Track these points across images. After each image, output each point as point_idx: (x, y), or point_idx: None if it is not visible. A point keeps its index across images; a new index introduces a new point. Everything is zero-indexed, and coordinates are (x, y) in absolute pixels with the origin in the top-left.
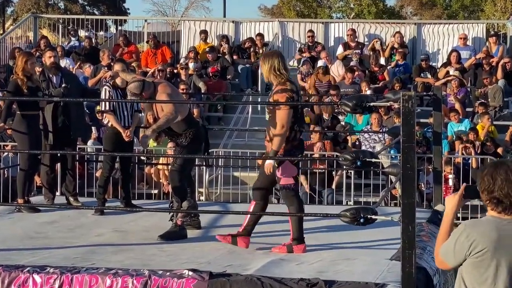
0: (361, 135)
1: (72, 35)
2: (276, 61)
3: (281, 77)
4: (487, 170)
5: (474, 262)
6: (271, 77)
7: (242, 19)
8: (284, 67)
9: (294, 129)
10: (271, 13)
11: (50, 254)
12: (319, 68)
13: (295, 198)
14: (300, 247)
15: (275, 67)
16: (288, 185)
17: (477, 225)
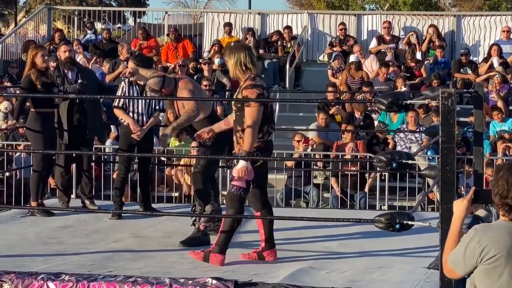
0: (396, 135)
1: (88, 27)
2: (243, 55)
3: (250, 72)
4: (502, 174)
5: (486, 269)
6: (237, 73)
7: (269, 11)
8: (252, 62)
9: (262, 130)
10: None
11: (65, 261)
12: (351, 63)
13: (237, 204)
14: (218, 257)
15: (241, 62)
16: (237, 188)
17: (488, 229)
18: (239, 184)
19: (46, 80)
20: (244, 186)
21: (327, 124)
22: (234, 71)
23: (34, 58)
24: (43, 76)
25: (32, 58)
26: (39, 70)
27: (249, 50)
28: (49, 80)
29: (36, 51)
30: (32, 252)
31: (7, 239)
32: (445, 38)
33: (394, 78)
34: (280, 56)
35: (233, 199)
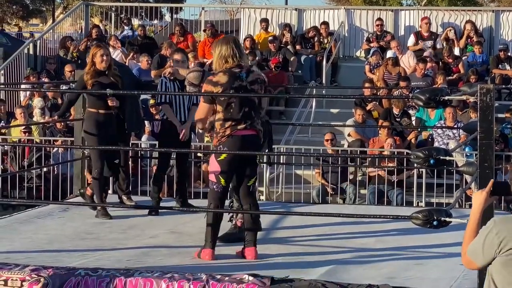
0: (434, 131)
1: (126, 24)
2: (225, 47)
3: (228, 65)
4: None
5: (504, 260)
6: (217, 65)
7: (305, 7)
8: (233, 55)
9: (224, 126)
10: (336, 0)
11: (102, 256)
12: (389, 59)
13: (212, 199)
14: (206, 252)
15: (222, 54)
16: (211, 182)
17: (507, 221)
18: (210, 179)
19: (102, 80)
20: (214, 180)
21: (364, 120)
22: (215, 63)
23: (93, 57)
24: (101, 76)
25: (92, 57)
26: (96, 71)
27: (234, 43)
28: (108, 80)
29: (95, 50)
30: (69, 247)
31: (46, 234)
32: (483, 33)
33: (432, 74)
34: (317, 52)
35: (209, 194)
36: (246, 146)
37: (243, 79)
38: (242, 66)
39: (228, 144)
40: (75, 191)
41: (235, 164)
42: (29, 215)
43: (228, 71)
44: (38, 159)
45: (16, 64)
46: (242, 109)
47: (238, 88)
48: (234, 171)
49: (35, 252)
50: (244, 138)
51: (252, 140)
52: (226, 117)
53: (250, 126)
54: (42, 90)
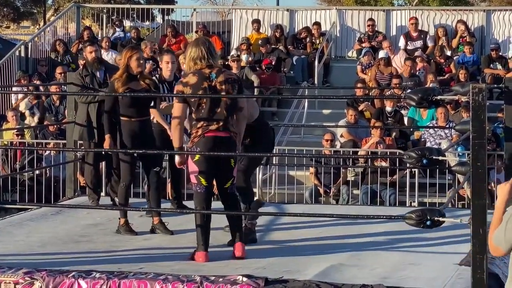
0: (425, 131)
1: (117, 25)
2: (194, 49)
3: (197, 66)
4: None
5: None
6: (188, 66)
7: (297, 7)
8: (202, 57)
9: (196, 126)
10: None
11: (95, 259)
12: (381, 59)
13: (198, 201)
14: (199, 255)
15: (192, 56)
16: (193, 184)
17: None
18: (191, 180)
19: (133, 86)
20: (194, 181)
21: (356, 120)
22: (187, 64)
23: (129, 61)
24: (133, 82)
25: (127, 61)
26: (129, 76)
27: (204, 45)
28: (139, 86)
29: (131, 53)
30: (63, 250)
31: (39, 237)
32: (475, 33)
33: (423, 74)
34: (309, 53)
35: (194, 197)
36: (217, 147)
37: (212, 79)
38: (212, 67)
39: (200, 144)
40: (68, 193)
41: (210, 163)
42: (22, 218)
43: (197, 72)
44: (30, 162)
45: (8, 66)
46: (213, 109)
47: (207, 88)
48: (212, 169)
49: (28, 255)
50: (216, 139)
51: (224, 142)
52: (197, 118)
53: (222, 128)
54: (34, 93)
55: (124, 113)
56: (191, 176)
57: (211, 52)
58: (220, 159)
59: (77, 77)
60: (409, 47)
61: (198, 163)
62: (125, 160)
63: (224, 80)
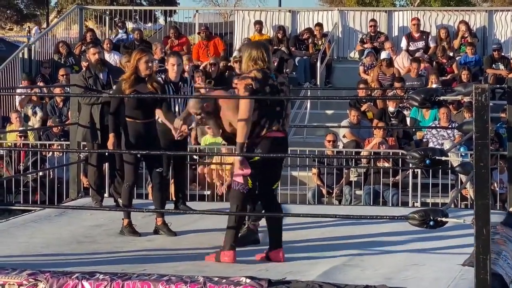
0: (428, 131)
1: (120, 27)
2: (255, 51)
3: (256, 66)
4: None
5: None
6: (246, 67)
7: (299, 8)
8: (263, 59)
9: (260, 123)
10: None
11: (99, 260)
12: (383, 60)
13: (237, 200)
14: (227, 254)
15: (252, 57)
16: (235, 183)
17: None
18: (235, 179)
19: (140, 89)
20: (241, 181)
21: (359, 121)
22: (245, 65)
23: (137, 63)
24: (140, 84)
25: (136, 62)
26: (137, 78)
27: (265, 48)
28: (146, 89)
29: (140, 55)
30: (66, 251)
31: (42, 238)
32: (477, 33)
33: (426, 74)
34: (311, 54)
35: (233, 195)
36: (277, 148)
37: (274, 79)
38: (270, 69)
39: (262, 145)
40: (71, 194)
41: (266, 167)
42: (25, 219)
43: (261, 70)
44: (34, 163)
45: (11, 68)
46: (274, 109)
47: (272, 86)
48: (264, 172)
49: (32, 256)
50: (277, 140)
51: (282, 142)
52: (260, 117)
53: (281, 128)
54: (38, 94)
55: (130, 115)
56: (236, 176)
57: (268, 55)
58: (277, 160)
59: (80, 79)
60: (411, 47)
61: (255, 165)
62: (128, 161)
63: (282, 82)
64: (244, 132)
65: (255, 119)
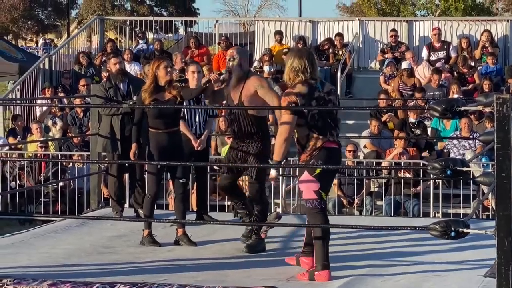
0: (449, 142)
1: (140, 37)
2: (297, 61)
3: (300, 78)
4: None
5: None
6: (288, 77)
7: (319, 19)
8: (305, 69)
9: (311, 136)
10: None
11: (119, 270)
12: (404, 70)
13: (319, 216)
14: (323, 274)
15: (294, 67)
16: (309, 201)
17: None
18: (307, 197)
19: (160, 97)
20: (314, 197)
21: (379, 131)
22: (287, 74)
23: (156, 71)
24: (160, 93)
25: (154, 71)
26: (156, 87)
27: (308, 57)
28: (166, 97)
29: (157, 63)
30: (87, 262)
31: (63, 249)
32: (498, 43)
33: (447, 85)
34: (332, 64)
35: (311, 213)
36: (334, 158)
37: (320, 90)
38: (315, 79)
39: (321, 157)
40: (92, 205)
41: (331, 176)
42: (46, 230)
43: (306, 82)
44: (54, 174)
45: (32, 79)
46: (325, 120)
47: (318, 98)
48: (330, 182)
49: (53, 267)
50: (334, 151)
51: (338, 153)
52: (313, 130)
53: (336, 138)
54: (59, 105)
55: (152, 125)
56: (307, 192)
57: (312, 63)
58: (334, 172)
59: (100, 89)
60: (432, 57)
61: (320, 177)
62: (151, 172)
63: (329, 91)
64: (282, 150)
65: (306, 133)
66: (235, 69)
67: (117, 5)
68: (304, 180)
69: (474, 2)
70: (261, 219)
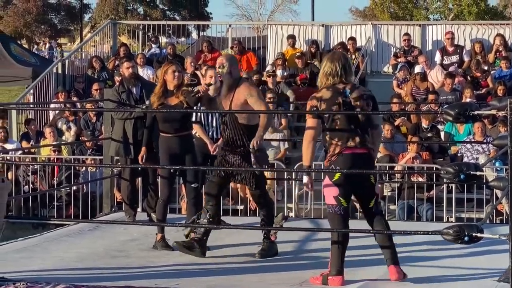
0: (462, 146)
1: (153, 42)
2: (328, 65)
3: (329, 82)
4: None
5: None
6: (319, 81)
7: (332, 23)
8: (336, 73)
9: (331, 142)
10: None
11: (132, 274)
12: (417, 74)
13: (336, 221)
14: (336, 280)
15: (325, 71)
16: (330, 206)
17: None
18: (328, 202)
19: (168, 102)
20: (334, 203)
21: (392, 135)
22: (319, 78)
23: (165, 75)
24: (168, 97)
25: (163, 75)
26: (164, 90)
27: (339, 60)
28: (174, 101)
29: (166, 67)
30: (100, 265)
31: (76, 253)
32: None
33: (460, 89)
34: None
35: (330, 218)
36: (356, 164)
37: (347, 95)
38: (346, 83)
39: (339, 163)
40: (105, 209)
41: (351, 182)
42: (59, 233)
43: (331, 87)
44: (67, 178)
45: (45, 83)
46: (348, 126)
47: (342, 104)
48: (352, 188)
49: (66, 270)
50: (355, 156)
51: (362, 158)
52: (331, 134)
53: (360, 144)
54: (71, 110)
55: (162, 129)
56: (327, 197)
57: (345, 68)
58: (360, 177)
59: (113, 94)
60: (445, 61)
61: (339, 183)
62: (163, 176)
63: (359, 96)
64: (306, 154)
65: (327, 138)
66: (225, 77)
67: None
68: (325, 185)
69: (487, 6)
70: (268, 222)
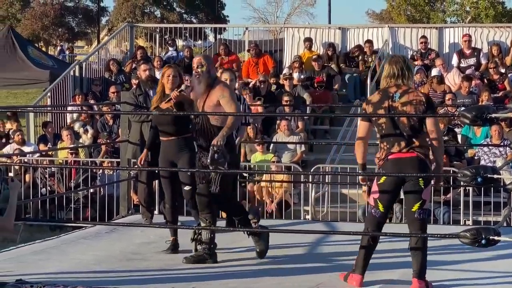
0: (480, 149)
1: (170, 45)
2: (387, 67)
3: (385, 85)
4: None
5: None
6: (381, 83)
7: (349, 26)
8: (393, 75)
9: (381, 146)
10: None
11: (149, 277)
12: (433, 77)
13: (370, 222)
14: (355, 278)
15: (384, 74)
16: (370, 205)
17: None
18: (370, 202)
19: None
20: (372, 204)
21: None
22: (381, 81)
23: (162, 79)
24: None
25: (161, 79)
26: (162, 94)
27: (397, 63)
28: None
29: (164, 71)
30: (117, 268)
31: (93, 255)
32: None
33: (477, 92)
34: (361, 71)
35: (366, 217)
36: (404, 169)
37: (395, 99)
38: (399, 86)
39: (385, 168)
40: (122, 211)
41: (394, 189)
42: (76, 236)
43: (382, 90)
44: (84, 180)
45: (62, 86)
46: (393, 130)
47: (388, 108)
48: (393, 196)
49: (83, 273)
50: (401, 161)
51: (409, 162)
52: (382, 140)
53: (405, 149)
54: (89, 112)
55: (159, 133)
56: (370, 198)
57: (403, 71)
58: (406, 181)
59: (130, 96)
60: (462, 64)
61: (382, 186)
62: (162, 181)
63: (408, 101)
64: (359, 154)
65: (379, 143)
66: (204, 76)
67: (147, 13)
68: (373, 185)
69: (504, 8)
70: (244, 223)
